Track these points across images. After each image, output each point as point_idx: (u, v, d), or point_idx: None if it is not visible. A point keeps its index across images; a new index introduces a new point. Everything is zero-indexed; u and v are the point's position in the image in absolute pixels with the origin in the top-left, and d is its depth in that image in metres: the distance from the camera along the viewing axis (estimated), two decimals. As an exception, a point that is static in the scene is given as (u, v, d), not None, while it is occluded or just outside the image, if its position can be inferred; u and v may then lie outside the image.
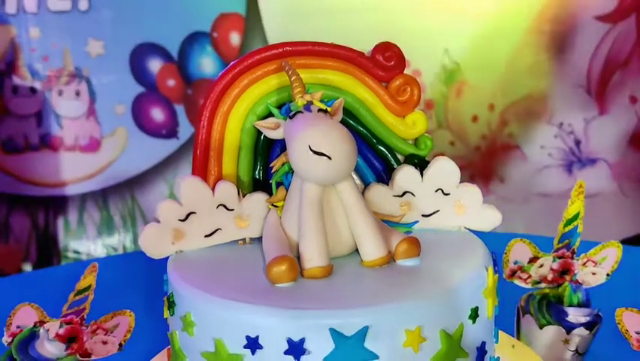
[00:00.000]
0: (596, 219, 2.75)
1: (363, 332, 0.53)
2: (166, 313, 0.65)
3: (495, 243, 0.94)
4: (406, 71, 0.75)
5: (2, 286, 1.38)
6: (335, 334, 0.53)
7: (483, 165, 2.70)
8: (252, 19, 2.62)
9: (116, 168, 2.72)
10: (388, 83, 0.74)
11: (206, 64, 2.68)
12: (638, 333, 0.81)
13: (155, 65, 2.67)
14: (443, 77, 2.68)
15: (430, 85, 2.66)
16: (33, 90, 2.61)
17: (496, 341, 0.66)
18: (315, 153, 0.59)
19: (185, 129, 2.72)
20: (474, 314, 0.59)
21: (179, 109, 2.72)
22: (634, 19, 2.57)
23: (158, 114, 2.72)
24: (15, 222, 2.68)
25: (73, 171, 2.71)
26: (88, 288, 0.85)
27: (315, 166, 0.59)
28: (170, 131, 2.72)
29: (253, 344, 0.54)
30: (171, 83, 2.70)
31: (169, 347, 0.79)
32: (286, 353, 0.54)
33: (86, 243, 2.71)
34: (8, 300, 1.14)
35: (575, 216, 0.93)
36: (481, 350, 0.60)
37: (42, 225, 2.69)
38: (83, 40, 2.60)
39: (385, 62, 0.74)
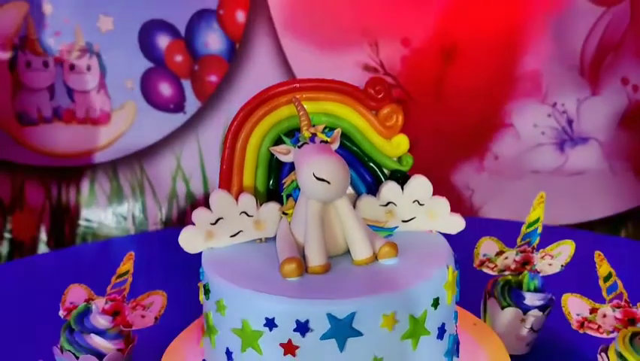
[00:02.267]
0: (586, 195, 2.99)
1: (351, 316, 0.76)
2: (201, 297, 0.88)
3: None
4: (405, 50, 0.95)
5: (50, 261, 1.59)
6: (330, 317, 0.76)
7: (478, 143, 2.89)
8: (257, -3, 2.76)
9: (126, 141, 2.91)
10: (378, 111, 0.95)
11: (213, 41, 2.85)
12: (578, 315, 1.03)
13: (163, 41, 2.84)
14: (442, 56, 2.85)
15: (428, 64, 2.83)
16: (46, 64, 2.79)
17: (456, 322, 0.89)
18: (318, 178, 0.80)
19: (192, 104, 2.91)
20: (436, 303, 0.81)
21: (186, 84, 2.89)
22: (628, 3, 2.72)
23: (165, 89, 2.89)
24: (29, 191, 2.89)
25: (84, 142, 2.90)
26: (126, 273, 1.08)
27: (317, 189, 0.81)
28: (178, 106, 2.90)
29: (270, 323, 0.77)
30: (179, 59, 2.87)
31: (197, 320, 1.02)
32: (295, 330, 0.76)
33: (97, 212, 2.92)
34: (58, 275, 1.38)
35: (536, 221, 1.15)
36: (442, 329, 0.83)
37: (55, 194, 2.90)
38: (94, 17, 2.76)
39: (376, 95, 0.95)
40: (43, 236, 2.94)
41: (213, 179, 2.94)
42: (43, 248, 2.89)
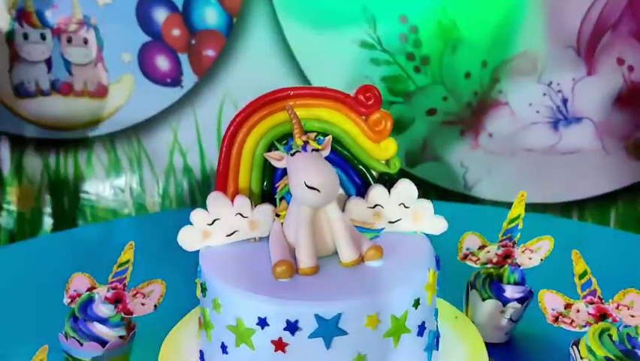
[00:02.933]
0: (579, 174, 3.06)
1: (337, 317, 0.83)
2: (198, 294, 0.95)
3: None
4: (403, 26, 1.01)
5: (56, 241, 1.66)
6: (318, 318, 0.83)
7: (473, 121, 2.94)
8: (255, -28, 2.78)
9: (123, 114, 2.96)
10: (368, 117, 1.01)
11: (210, 15, 2.88)
12: (553, 310, 1.10)
13: (160, 15, 2.87)
14: (439, 34, 2.88)
15: (426, 42, 2.86)
16: (43, 37, 2.82)
17: (436, 318, 0.96)
18: (309, 187, 0.87)
19: (189, 78, 2.95)
20: (416, 303, 0.88)
21: (184, 58, 2.93)
22: (626, -17, 2.74)
23: (163, 63, 2.93)
24: (28, 163, 2.95)
25: (82, 115, 2.95)
26: (127, 262, 1.15)
27: (308, 196, 0.87)
28: (175, 80, 2.95)
29: (262, 322, 0.84)
30: (176, 33, 2.90)
31: (193, 310, 1.10)
32: (285, 329, 0.84)
33: (95, 184, 2.99)
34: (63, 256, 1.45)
35: (517, 217, 1.21)
36: (422, 327, 0.90)
37: (53, 166, 2.96)
38: (91, -11, 2.77)
39: (366, 101, 1.01)
40: (45, 209, 2.99)
41: (210, 152, 3.00)
42: (46, 220, 2.95)
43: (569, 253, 1.15)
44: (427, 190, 2.92)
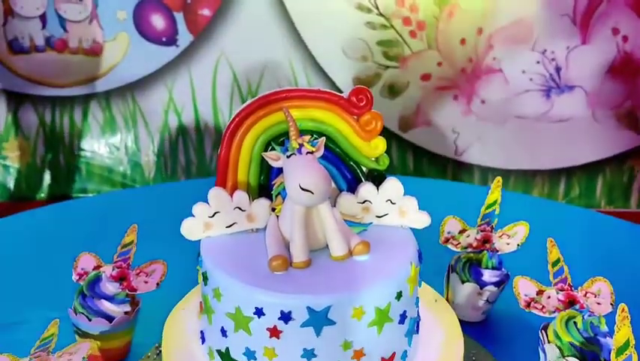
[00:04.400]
0: (569, 142, 3.17)
1: (327, 309, 0.94)
2: (199, 278, 1.06)
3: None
4: None
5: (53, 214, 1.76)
6: (310, 310, 0.94)
7: (466, 87, 3.02)
8: None
9: (118, 72, 3.02)
10: (359, 117, 1.10)
11: (206, -26, 2.90)
12: (526, 295, 1.22)
13: (156, -28, 2.89)
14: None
15: (422, 7, 2.91)
16: (37, -8, 2.84)
17: (417, 307, 1.08)
18: (303, 189, 0.96)
19: (184, 37, 3.00)
20: (399, 295, 0.99)
21: (179, 17, 2.97)
22: (624, -49, 2.78)
23: (158, 21, 2.97)
24: (23, 119, 3.02)
25: (77, 73, 3.01)
26: (131, 243, 1.26)
27: (302, 197, 0.97)
28: (170, 39, 2.99)
29: (259, 312, 0.95)
30: (171, -9, 2.93)
31: (194, 289, 1.21)
32: (279, 318, 0.95)
33: (90, 141, 3.07)
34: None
35: (494, 203, 1.32)
36: (403, 316, 1.01)
37: (48, 122, 3.03)
38: (86, -55, 2.80)
39: (358, 103, 1.10)
40: (41, 165, 3.06)
41: (204, 111, 3.07)
42: (44, 177, 3.01)
43: (547, 236, 1.26)
44: (419, 155, 3.02)
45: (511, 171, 3.03)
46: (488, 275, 1.30)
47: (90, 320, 1.18)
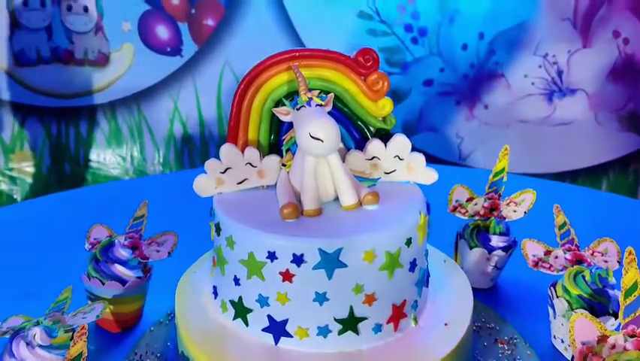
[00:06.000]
0: (571, 145, 3.21)
1: (338, 251, 0.97)
2: (212, 235, 1.09)
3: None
4: None
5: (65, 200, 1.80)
6: (321, 251, 0.97)
7: (469, 92, 3.07)
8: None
9: (124, 83, 3.08)
10: (366, 77, 1.15)
11: (210, -16, 2.97)
12: (533, 256, 1.25)
13: (160, -17, 2.96)
14: (437, 6, 2.99)
15: (423, 13, 2.98)
16: (43, 4, 2.92)
17: (426, 258, 1.11)
18: (313, 137, 1.00)
19: (189, 47, 3.06)
20: (409, 242, 1.02)
21: (184, 28, 3.04)
22: (623, -45, 2.86)
23: (163, 32, 3.03)
24: (30, 131, 3.07)
25: (83, 84, 3.06)
26: (142, 216, 1.29)
27: (312, 146, 1.01)
28: (175, 49, 3.06)
29: (272, 256, 0.98)
30: (176, 1, 3.01)
31: (205, 254, 1.24)
32: (291, 262, 0.98)
33: (96, 152, 3.11)
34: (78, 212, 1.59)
35: (501, 171, 1.35)
36: (413, 263, 1.04)
37: (54, 134, 3.07)
38: (92, -42, 2.88)
39: (365, 63, 1.14)
40: (46, 176, 3.10)
41: (209, 121, 3.12)
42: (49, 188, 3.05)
43: (548, 209, 1.29)
44: (423, 160, 3.04)
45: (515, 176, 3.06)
46: (496, 240, 1.33)
47: (104, 284, 1.21)
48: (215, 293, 1.10)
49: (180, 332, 1.08)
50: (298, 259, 0.98)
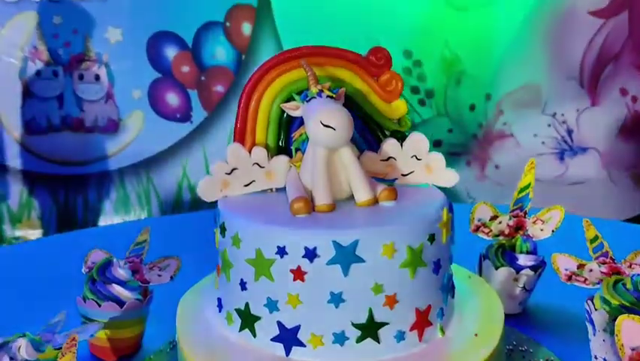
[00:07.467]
0: (585, 204, 3.09)
1: (354, 244, 0.86)
2: (217, 241, 0.98)
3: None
4: (407, 60, 1.07)
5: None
6: (336, 244, 0.86)
7: (479, 152, 3.00)
8: (263, 10, 2.91)
9: (133, 149, 3.03)
10: (379, 77, 1.07)
11: (219, 52, 2.98)
12: (566, 270, 1.13)
13: (170, 52, 2.97)
14: (443, 68, 2.97)
15: (430, 75, 2.95)
16: (55, 74, 2.92)
17: (451, 263, 0.99)
18: (325, 125, 0.91)
19: (198, 114, 3.03)
20: (431, 238, 0.91)
21: (193, 95, 3.02)
22: (626, 15, 2.85)
23: (172, 99, 3.01)
24: (37, 199, 2.99)
25: (92, 151, 3.01)
26: (144, 242, 1.19)
27: (324, 134, 0.92)
28: (184, 116, 3.02)
29: (281, 251, 0.87)
30: (186, 69, 3.00)
31: (209, 275, 1.12)
32: (303, 257, 0.86)
33: (104, 219, 3.02)
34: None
35: (527, 186, 1.25)
36: (437, 264, 0.93)
37: (62, 201, 3.00)
38: (103, 28, 2.90)
39: (377, 62, 1.06)
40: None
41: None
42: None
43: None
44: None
45: (531, 236, 2.95)
46: (523, 259, 1.22)
47: (100, 306, 1.09)
48: (220, 306, 0.99)
49: (182, 350, 0.96)
50: (311, 254, 0.86)
